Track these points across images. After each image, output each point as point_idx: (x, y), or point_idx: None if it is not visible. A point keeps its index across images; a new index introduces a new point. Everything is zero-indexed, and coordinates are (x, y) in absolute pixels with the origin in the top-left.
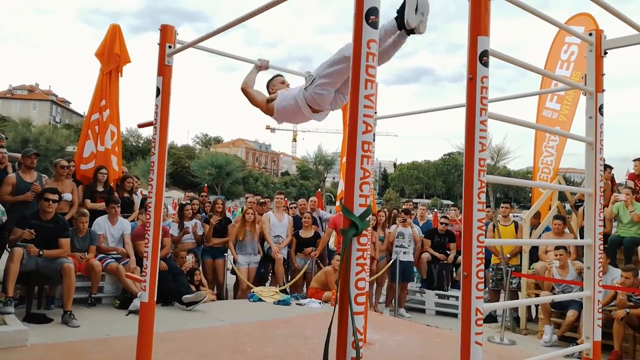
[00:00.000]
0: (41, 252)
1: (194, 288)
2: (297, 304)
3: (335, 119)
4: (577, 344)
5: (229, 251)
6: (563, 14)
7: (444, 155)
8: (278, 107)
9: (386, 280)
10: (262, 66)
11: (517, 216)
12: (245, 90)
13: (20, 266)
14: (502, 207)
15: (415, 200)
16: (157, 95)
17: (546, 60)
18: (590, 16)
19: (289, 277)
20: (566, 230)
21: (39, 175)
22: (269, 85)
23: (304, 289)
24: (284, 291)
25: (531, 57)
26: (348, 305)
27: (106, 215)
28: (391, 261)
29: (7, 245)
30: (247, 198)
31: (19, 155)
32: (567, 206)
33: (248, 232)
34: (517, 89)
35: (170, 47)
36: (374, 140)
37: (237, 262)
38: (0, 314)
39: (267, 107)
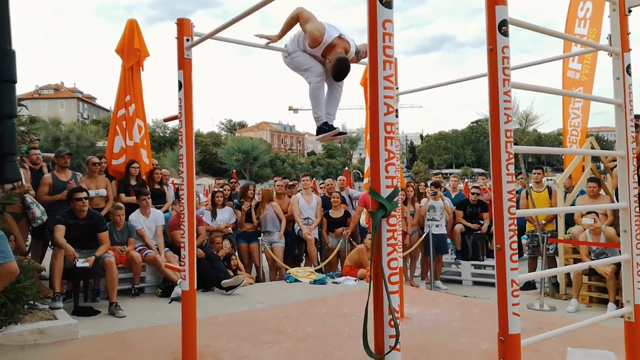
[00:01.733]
0: (76, 261)
1: (231, 273)
2: (333, 282)
3: (357, 95)
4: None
5: (262, 235)
6: None
7: (472, 122)
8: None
9: (420, 253)
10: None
11: (551, 179)
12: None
13: (64, 263)
14: (535, 173)
15: (445, 171)
16: (180, 89)
17: (566, 20)
18: None
19: (323, 257)
20: (602, 192)
21: (73, 174)
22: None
23: (339, 267)
24: (319, 270)
25: (554, 17)
26: (383, 286)
27: (138, 209)
28: (424, 235)
29: (49, 243)
30: (275, 181)
31: (51, 155)
32: (602, 166)
33: (268, 210)
34: (541, 49)
35: (188, 40)
36: (397, 116)
37: (261, 240)
38: (50, 309)
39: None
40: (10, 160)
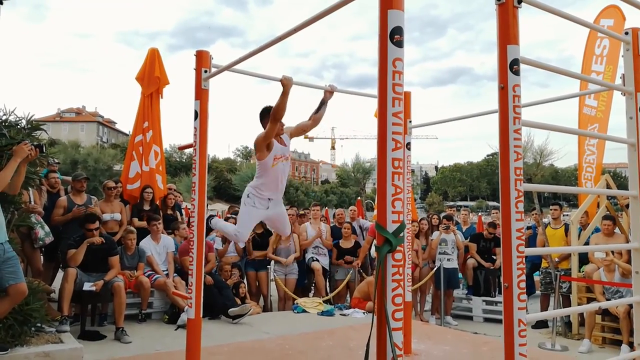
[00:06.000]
0: (90, 288)
1: (239, 301)
2: (340, 314)
3: (372, 125)
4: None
5: (272, 263)
6: (595, 4)
7: (487, 155)
8: (261, 162)
9: (430, 287)
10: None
11: (567, 215)
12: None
13: (74, 285)
14: (552, 209)
15: (459, 203)
16: (196, 118)
17: (583, 57)
18: (618, 8)
19: (332, 287)
20: (617, 230)
21: (89, 198)
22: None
23: (348, 298)
24: (327, 302)
25: (574, 51)
26: (386, 322)
27: (149, 235)
28: (434, 269)
29: (60, 266)
30: (286, 209)
31: (69, 178)
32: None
33: (282, 242)
34: (560, 83)
35: (205, 71)
36: (409, 149)
37: (275, 270)
38: (57, 332)
39: (263, 143)
40: None
